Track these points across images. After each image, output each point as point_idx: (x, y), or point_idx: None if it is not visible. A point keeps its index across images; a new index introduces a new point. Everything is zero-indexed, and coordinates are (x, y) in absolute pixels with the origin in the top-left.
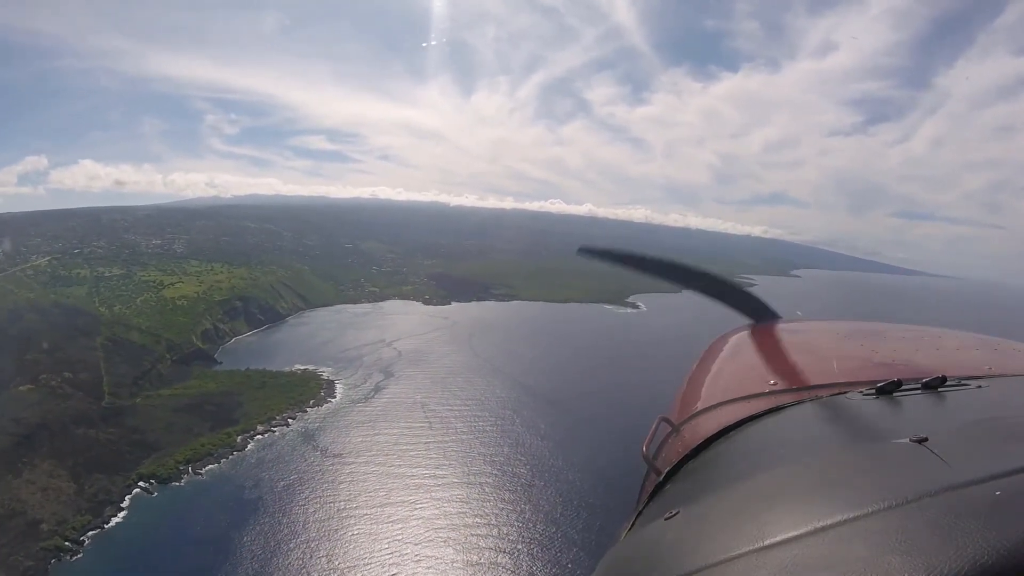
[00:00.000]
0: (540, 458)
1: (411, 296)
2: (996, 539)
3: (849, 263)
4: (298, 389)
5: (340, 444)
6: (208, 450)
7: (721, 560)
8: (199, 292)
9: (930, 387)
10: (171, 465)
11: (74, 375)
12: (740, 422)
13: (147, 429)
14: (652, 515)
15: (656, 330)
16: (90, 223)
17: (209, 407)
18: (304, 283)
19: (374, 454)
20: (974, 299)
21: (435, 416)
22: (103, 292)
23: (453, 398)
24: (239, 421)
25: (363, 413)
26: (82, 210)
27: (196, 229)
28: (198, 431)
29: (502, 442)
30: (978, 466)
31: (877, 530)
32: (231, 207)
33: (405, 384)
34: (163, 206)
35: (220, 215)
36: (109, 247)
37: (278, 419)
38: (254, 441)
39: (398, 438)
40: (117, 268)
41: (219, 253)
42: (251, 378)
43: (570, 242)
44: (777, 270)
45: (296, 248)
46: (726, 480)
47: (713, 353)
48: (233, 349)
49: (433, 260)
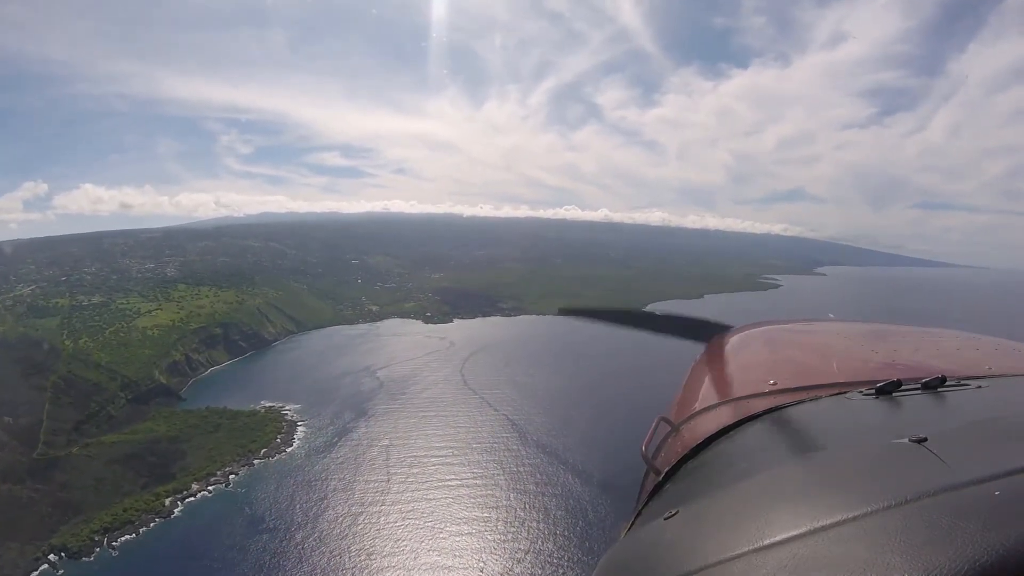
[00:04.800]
0: (511, 550)
1: (412, 314)
2: (995, 539)
3: (872, 258)
4: (254, 433)
5: (278, 513)
6: (130, 516)
7: (720, 560)
8: (175, 320)
9: (930, 387)
10: (85, 535)
11: (14, 420)
12: (740, 422)
13: (75, 486)
14: (651, 515)
15: (676, 351)
16: (90, 248)
17: (150, 458)
18: (298, 304)
19: (312, 527)
20: (1003, 289)
21: (397, 471)
22: (74, 323)
23: (425, 444)
24: (175, 476)
25: (317, 466)
26: (85, 235)
27: (197, 250)
28: (128, 489)
29: (469, 512)
30: (977, 466)
31: (876, 530)
32: (239, 226)
33: (375, 425)
34: (170, 228)
35: (225, 235)
36: (98, 273)
37: (219, 475)
38: (184, 504)
39: (346, 502)
40: (98, 296)
41: (212, 275)
42: (207, 419)
43: (585, 248)
44: (801, 268)
45: (298, 266)
46: (725, 480)
47: (713, 353)
48: (206, 382)
49: (441, 273)
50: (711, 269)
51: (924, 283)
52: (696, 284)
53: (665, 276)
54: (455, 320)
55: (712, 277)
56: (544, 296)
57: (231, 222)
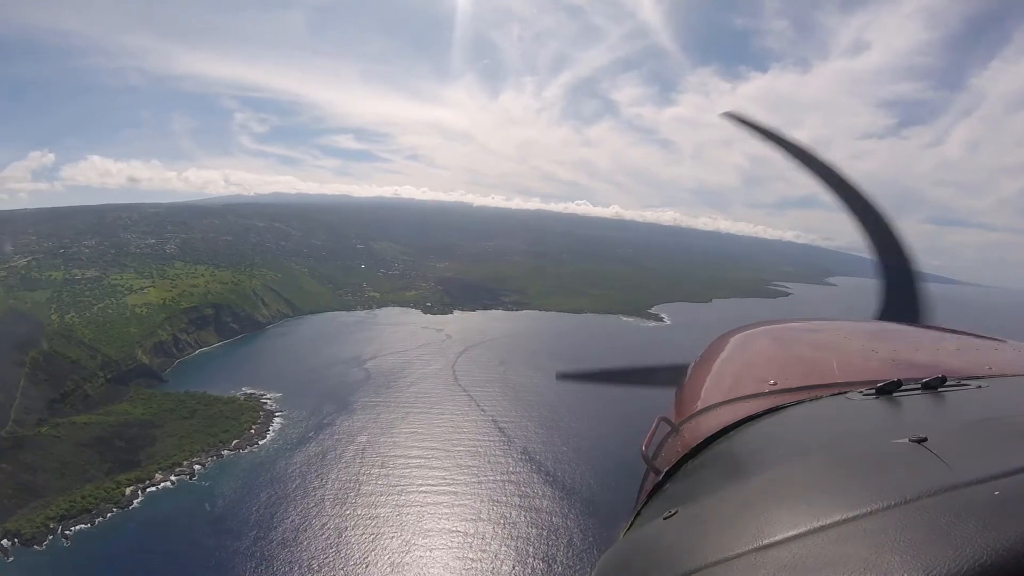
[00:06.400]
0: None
1: (413, 303)
2: (995, 539)
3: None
4: (228, 422)
5: (236, 512)
6: (88, 504)
7: (720, 560)
8: (167, 299)
9: (930, 387)
10: (41, 520)
11: None
12: (740, 422)
13: (40, 468)
14: (651, 515)
15: (683, 353)
16: (93, 221)
17: (118, 442)
18: (296, 287)
19: (267, 531)
20: (1019, 310)
21: (368, 473)
22: (64, 297)
23: (404, 443)
24: (141, 464)
25: (286, 463)
26: (90, 207)
27: (201, 228)
28: (91, 475)
29: (440, 523)
30: (977, 466)
31: (876, 530)
32: (247, 205)
33: (355, 419)
34: (177, 204)
35: (232, 213)
36: (97, 247)
37: (185, 465)
38: (144, 495)
39: (308, 506)
40: (93, 270)
41: (212, 254)
42: (184, 404)
43: (594, 245)
44: (812, 277)
45: (301, 248)
46: (725, 480)
47: (713, 353)
48: (192, 364)
49: (446, 262)
50: (721, 272)
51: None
52: (705, 287)
53: (674, 277)
54: (455, 312)
55: (721, 281)
56: (548, 292)
57: (240, 201)
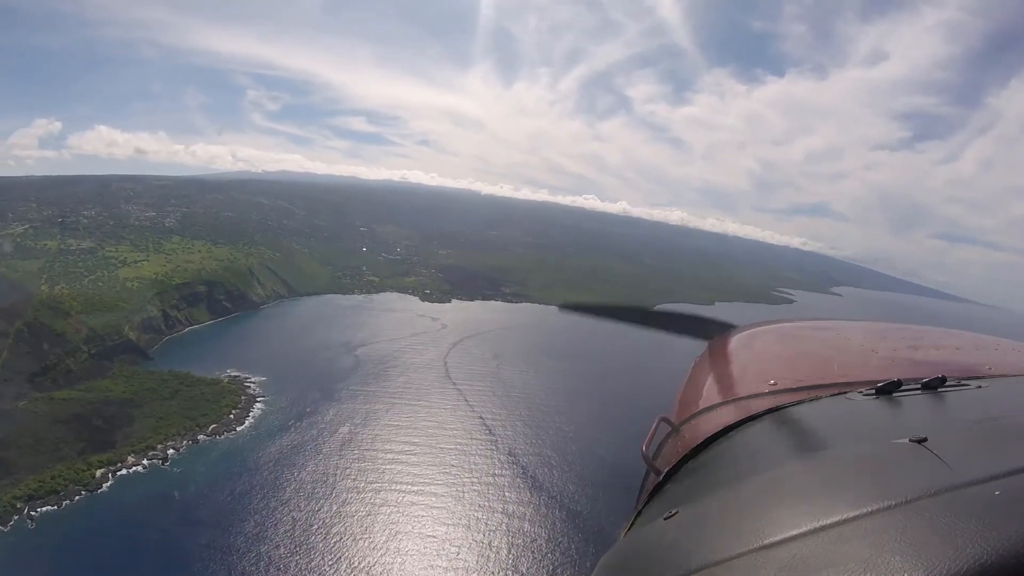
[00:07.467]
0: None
1: (411, 289)
2: (995, 539)
3: (888, 283)
4: (208, 405)
5: (203, 502)
6: (57, 484)
7: (720, 560)
8: (160, 273)
9: (930, 387)
10: (7, 500)
11: None
12: (740, 422)
13: (13, 444)
14: (651, 515)
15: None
16: (95, 191)
17: (96, 420)
18: (294, 268)
19: (228, 528)
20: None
21: (347, 468)
22: (56, 268)
23: (385, 437)
24: (116, 445)
25: (261, 453)
26: (94, 177)
27: (204, 202)
28: (65, 453)
29: (415, 526)
30: (978, 466)
31: (876, 530)
32: (253, 182)
33: (339, 409)
34: (183, 178)
35: (236, 189)
36: (96, 217)
37: (159, 448)
38: (114, 479)
39: (278, 500)
40: (89, 241)
41: (212, 230)
42: (166, 383)
43: (599, 240)
44: (816, 285)
45: (304, 228)
46: (726, 480)
47: (713, 353)
48: (180, 342)
49: (449, 250)
50: (725, 275)
51: (942, 316)
52: (708, 289)
53: (677, 276)
54: (453, 300)
55: (725, 283)
56: (550, 285)
57: (245, 177)
